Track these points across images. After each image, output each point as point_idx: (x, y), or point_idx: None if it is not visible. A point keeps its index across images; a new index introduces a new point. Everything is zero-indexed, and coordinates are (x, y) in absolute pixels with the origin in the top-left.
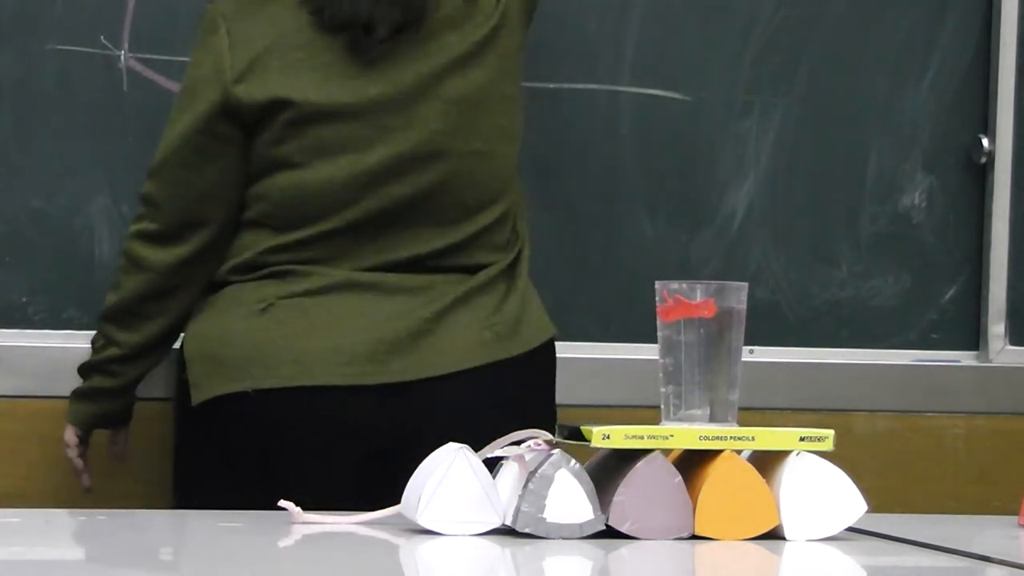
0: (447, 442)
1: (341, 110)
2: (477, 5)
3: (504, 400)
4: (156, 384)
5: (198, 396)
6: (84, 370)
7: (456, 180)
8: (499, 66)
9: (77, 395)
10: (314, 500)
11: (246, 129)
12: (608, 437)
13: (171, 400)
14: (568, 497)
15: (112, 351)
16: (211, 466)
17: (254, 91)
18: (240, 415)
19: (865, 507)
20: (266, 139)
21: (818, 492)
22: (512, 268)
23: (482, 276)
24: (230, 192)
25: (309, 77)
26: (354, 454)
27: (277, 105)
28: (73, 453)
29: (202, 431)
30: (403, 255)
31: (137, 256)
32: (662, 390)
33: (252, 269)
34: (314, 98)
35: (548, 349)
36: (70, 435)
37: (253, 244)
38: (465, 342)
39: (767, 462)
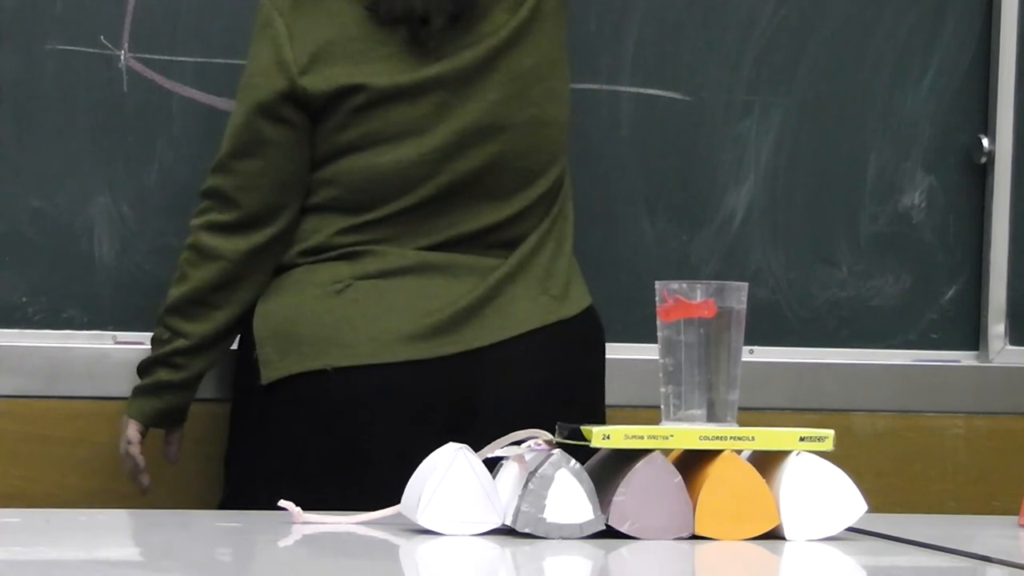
0: (521, 404)
1: (404, 92)
2: None
3: (564, 360)
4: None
5: (271, 374)
6: (146, 365)
7: (516, 149)
8: (547, 33)
9: (140, 391)
10: (398, 478)
11: (311, 117)
12: (608, 437)
13: (232, 380)
14: (568, 497)
15: (179, 343)
16: (278, 446)
17: (319, 82)
18: (318, 394)
19: (865, 507)
20: (331, 126)
21: (818, 492)
22: (560, 230)
23: (533, 239)
24: (300, 180)
25: (371, 66)
26: (435, 426)
27: (344, 93)
28: (135, 451)
29: (273, 410)
30: (470, 228)
31: (206, 247)
32: (662, 390)
33: (322, 251)
34: (379, 83)
35: (594, 313)
36: (132, 432)
37: (322, 227)
38: (525, 307)
39: (767, 462)
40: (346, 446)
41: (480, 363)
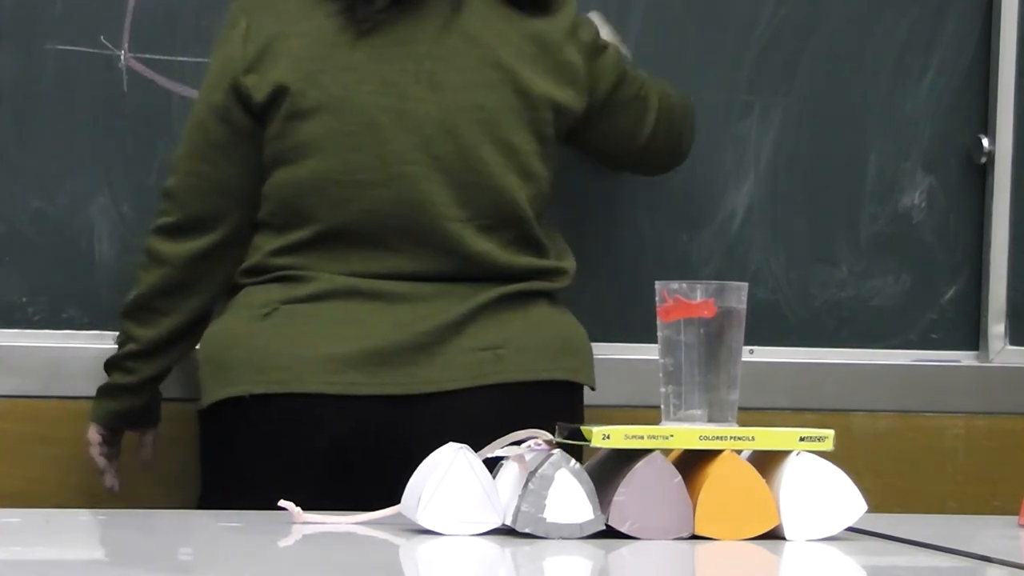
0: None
1: (332, 106)
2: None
3: (495, 427)
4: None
5: (204, 399)
6: (106, 367)
7: (453, 190)
8: (520, 87)
9: (99, 392)
10: (300, 505)
11: (258, 121)
12: (608, 437)
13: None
14: (568, 497)
15: (130, 347)
16: (221, 468)
17: (260, 80)
18: (239, 419)
19: (865, 507)
20: (270, 133)
21: (818, 492)
22: (537, 287)
23: (494, 292)
24: (246, 187)
25: (306, 67)
26: (339, 461)
27: (277, 94)
28: (95, 451)
29: (211, 433)
30: (406, 267)
31: (154, 250)
32: (662, 390)
33: (261, 272)
34: (308, 90)
35: (564, 391)
36: (92, 433)
37: (262, 245)
38: (461, 361)
39: (767, 462)
40: (259, 472)
41: (398, 409)
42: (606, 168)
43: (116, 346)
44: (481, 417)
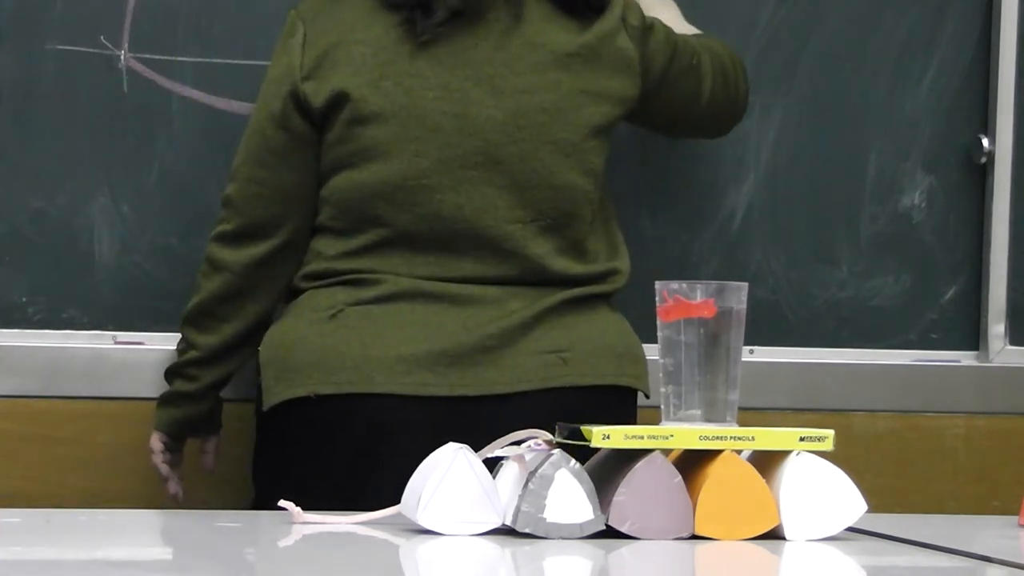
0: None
1: (395, 112)
2: (582, 19)
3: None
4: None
5: (267, 400)
6: (167, 375)
7: (515, 193)
8: (579, 86)
9: (161, 400)
10: (365, 507)
11: (316, 127)
12: (608, 437)
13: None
14: (568, 497)
15: (191, 354)
16: (281, 470)
17: (319, 87)
18: (305, 420)
19: (865, 507)
20: (330, 139)
21: (818, 492)
22: (597, 291)
23: (558, 296)
24: (304, 193)
25: (368, 74)
26: (406, 462)
27: (338, 101)
28: (158, 459)
29: (273, 435)
30: (470, 271)
31: (214, 258)
32: (662, 390)
33: (324, 276)
34: (370, 96)
35: (624, 397)
36: (154, 441)
37: (324, 250)
38: (529, 363)
39: (767, 462)
40: (324, 473)
41: (467, 410)
42: (669, 135)
43: (177, 354)
44: (546, 419)
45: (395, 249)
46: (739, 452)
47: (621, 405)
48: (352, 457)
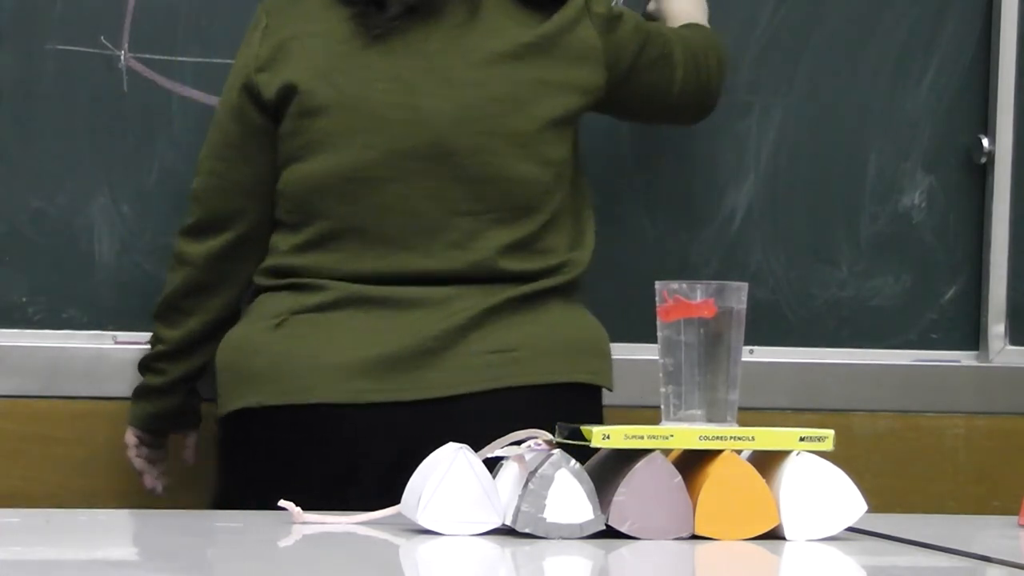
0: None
1: (344, 104)
2: (540, 11)
3: (508, 431)
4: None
5: (221, 407)
6: (139, 369)
7: (465, 184)
8: (536, 77)
9: (134, 395)
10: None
11: (272, 120)
12: (608, 437)
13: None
14: (568, 497)
15: (159, 348)
16: (237, 474)
17: (271, 79)
18: (255, 428)
19: (865, 507)
20: (283, 131)
21: (818, 492)
22: (549, 285)
23: (508, 293)
24: (262, 186)
25: (318, 67)
26: (352, 469)
27: (288, 93)
28: (131, 454)
29: (228, 440)
30: (417, 266)
31: (178, 251)
32: (662, 390)
33: (277, 273)
34: (318, 88)
35: (581, 393)
36: (128, 436)
37: (278, 244)
38: (473, 364)
39: (767, 462)
40: (279, 483)
41: (409, 415)
42: (641, 122)
43: (149, 348)
44: (493, 421)
45: (342, 243)
46: (739, 452)
47: (578, 403)
48: (300, 464)
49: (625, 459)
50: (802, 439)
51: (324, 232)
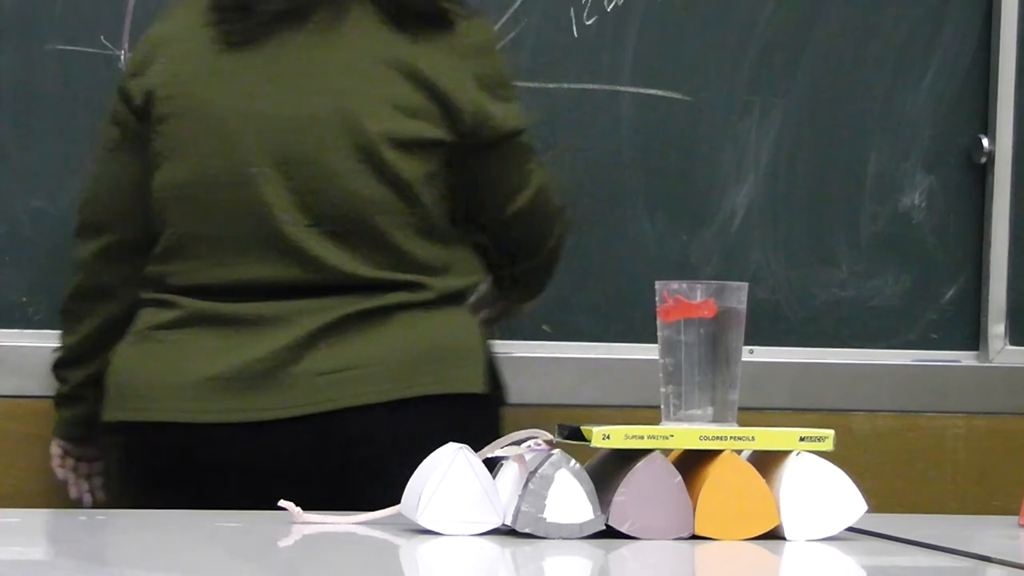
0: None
1: (193, 110)
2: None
3: (352, 450)
4: None
5: (103, 417)
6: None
7: (297, 195)
8: (388, 96)
9: (54, 405)
10: None
11: (141, 124)
12: (608, 437)
13: None
14: (568, 497)
15: (58, 354)
16: (119, 480)
17: (138, 84)
18: (120, 440)
19: (865, 507)
20: (146, 137)
21: (818, 492)
22: (396, 303)
23: (343, 311)
24: (137, 191)
25: (175, 73)
26: (185, 487)
27: (148, 99)
28: (55, 463)
29: (108, 447)
30: (256, 275)
31: (71, 254)
32: (662, 390)
33: (147, 284)
34: (171, 95)
35: (441, 405)
36: (53, 446)
37: (150, 254)
38: (301, 386)
39: (767, 462)
40: (136, 494)
41: (246, 435)
42: (480, 232)
43: None
44: (328, 443)
45: (189, 252)
46: (739, 452)
47: (439, 414)
48: (145, 479)
49: (625, 459)
50: (802, 439)
51: (174, 242)
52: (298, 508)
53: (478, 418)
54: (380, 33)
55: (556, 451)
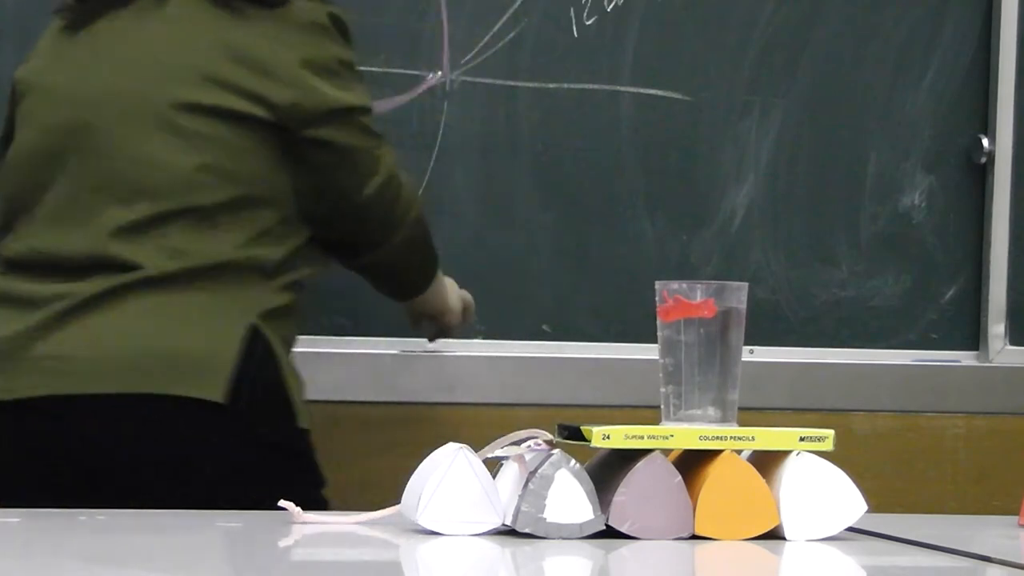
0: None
1: (30, 90)
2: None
3: (76, 438)
4: None
5: None
6: None
7: (100, 160)
8: (205, 71)
9: None
10: None
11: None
12: (608, 437)
13: None
14: (568, 497)
15: None
16: None
17: (15, 76)
18: None
19: (865, 507)
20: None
21: (818, 492)
22: (138, 279)
23: (89, 290)
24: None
25: (35, 57)
26: None
27: (15, 87)
28: None
29: None
30: (46, 247)
31: None
32: (662, 390)
33: None
34: (23, 77)
35: (164, 404)
36: None
37: None
38: (34, 368)
39: (767, 462)
40: None
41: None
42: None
43: None
44: (60, 428)
45: (11, 225)
46: (739, 452)
47: (162, 418)
48: None
49: (625, 459)
50: (802, 439)
51: (6, 211)
52: (298, 508)
53: (213, 428)
54: (203, 11)
55: (556, 451)
